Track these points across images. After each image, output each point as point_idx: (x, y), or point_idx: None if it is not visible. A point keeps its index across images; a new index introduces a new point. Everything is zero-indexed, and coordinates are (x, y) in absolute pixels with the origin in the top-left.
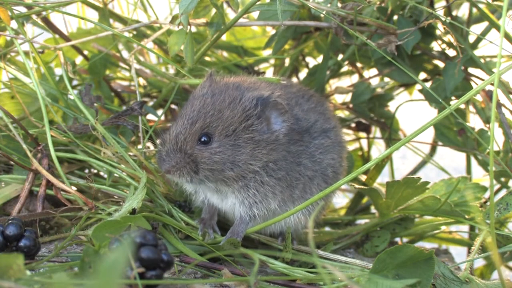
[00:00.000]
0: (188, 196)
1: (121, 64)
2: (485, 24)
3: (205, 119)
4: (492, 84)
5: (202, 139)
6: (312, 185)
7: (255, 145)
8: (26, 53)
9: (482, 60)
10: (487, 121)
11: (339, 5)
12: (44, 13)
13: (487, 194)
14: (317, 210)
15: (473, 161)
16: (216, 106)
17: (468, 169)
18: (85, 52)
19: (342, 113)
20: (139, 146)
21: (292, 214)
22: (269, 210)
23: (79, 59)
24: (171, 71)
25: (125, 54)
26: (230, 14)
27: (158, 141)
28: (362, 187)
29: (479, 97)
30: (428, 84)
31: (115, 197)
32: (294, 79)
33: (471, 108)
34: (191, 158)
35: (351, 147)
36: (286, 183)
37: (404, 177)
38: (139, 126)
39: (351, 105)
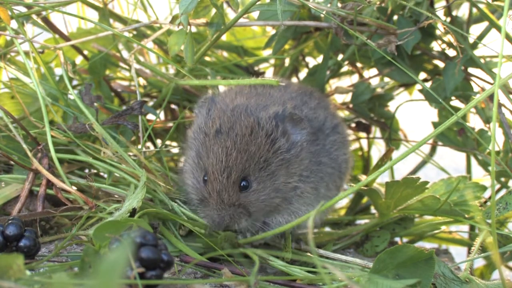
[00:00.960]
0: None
1: (121, 64)
2: (485, 24)
3: (237, 166)
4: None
5: (242, 185)
6: (331, 182)
7: (287, 163)
8: (26, 53)
9: (482, 60)
10: (487, 121)
11: (339, 5)
12: (44, 13)
13: (486, 194)
14: (318, 209)
15: (473, 161)
16: (239, 146)
17: (468, 169)
18: (85, 52)
19: (342, 113)
20: (139, 146)
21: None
22: (299, 215)
23: (79, 59)
24: (171, 71)
25: (125, 54)
26: (230, 14)
27: (193, 195)
28: (362, 187)
29: (479, 96)
30: (428, 84)
31: (116, 196)
32: (294, 79)
33: (471, 108)
34: (241, 207)
35: (351, 147)
36: (314, 184)
37: (404, 177)
38: (139, 125)
39: (351, 105)
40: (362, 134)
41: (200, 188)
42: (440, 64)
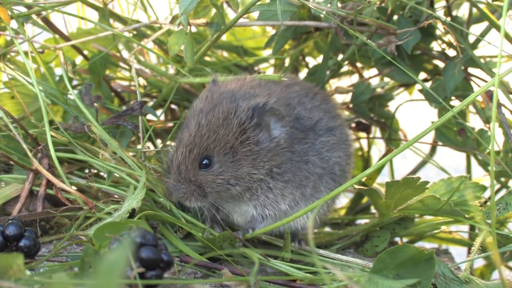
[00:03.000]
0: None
1: (121, 64)
2: (485, 24)
3: (201, 144)
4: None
5: (204, 162)
6: (321, 183)
7: (255, 155)
8: (26, 53)
9: (482, 60)
10: (487, 121)
11: (339, 5)
12: (44, 13)
13: (486, 194)
14: (317, 210)
15: (473, 161)
16: (211, 126)
17: (468, 169)
18: (85, 52)
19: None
20: (139, 146)
21: (301, 215)
22: (280, 211)
23: (79, 59)
24: (171, 71)
25: (125, 54)
26: (230, 14)
27: (162, 167)
28: (362, 187)
29: (479, 97)
30: (428, 84)
31: (115, 196)
32: None
33: (471, 108)
34: (196, 184)
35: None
36: (295, 183)
37: (404, 177)
38: (139, 126)
39: (351, 105)
40: (362, 134)
41: (169, 160)
42: (440, 64)
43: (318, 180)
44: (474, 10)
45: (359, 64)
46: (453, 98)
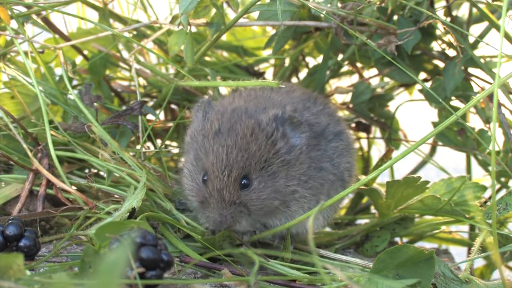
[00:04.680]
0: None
1: (121, 64)
2: (485, 24)
3: (238, 164)
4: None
5: (243, 183)
6: (332, 189)
7: (287, 165)
8: (26, 53)
9: (482, 60)
10: (487, 121)
11: (339, 5)
12: (44, 13)
13: (486, 194)
14: (316, 211)
15: (473, 161)
16: (240, 144)
17: (468, 169)
18: (85, 52)
19: (342, 113)
20: (138, 146)
21: (304, 218)
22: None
23: (79, 59)
24: (171, 71)
25: (125, 54)
26: (230, 14)
27: (192, 197)
28: (362, 187)
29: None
30: (428, 84)
31: (116, 196)
32: (294, 79)
33: (471, 108)
34: (242, 205)
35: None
36: (313, 190)
37: (404, 176)
38: (139, 126)
39: (351, 105)
40: (362, 134)
41: (200, 189)
42: (440, 64)
43: (330, 186)
44: (474, 10)
45: (359, 64)
46: (453, 98)
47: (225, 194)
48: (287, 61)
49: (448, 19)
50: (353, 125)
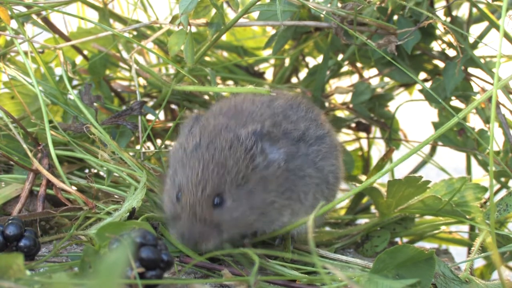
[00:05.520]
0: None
1: (121, 64)
2: (485, 24)
3: (213, 180)
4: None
5: (215, 202)
6: (317, 192)
7: (265, 181)
8: (26, 53)
9: (482, 60)
10: (487, 121)
11: (339, 5)
12: (44, 13)
13: (487, 194)
14: (316, 211)
15: (473, 161)
16: (218, 158)
17: (468, 169)
18: (85, 52)
19: (342, 113)
20: (138, 146)
21: (300, 225)
22: (282, 223)
23: (79, 59)
24: (172, 71)
25: (125, 54)
26: (230, 14)
27: (167, 211)
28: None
29: (479, 97)
30: (428, 84)
31: (116, 196)
32: (294, 79)
33: None
34: (213, 224)
35: (351, 147)
36: (293, 200)
37: (406, 175)
38: (139, 126)
39: (351, 105)
40: (362, 134)
41: (173, 205)
42: (440, 64)
43: (315, 189)
44: (474, 10)
45: (359, 64)
46: (453, 98)
47: (197, 209)
48: (287, 61)
49: (448, 19)
50: (353, 125)
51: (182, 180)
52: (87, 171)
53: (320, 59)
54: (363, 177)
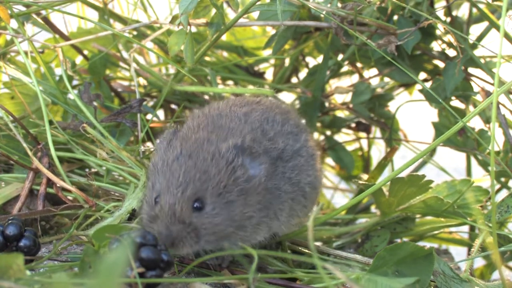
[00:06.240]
0: None
1: (121, 64)
2: (485, 24)
3: (195, 184)
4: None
5: (195, 206)
6: (294, 204)
7: (246, 194)
8: (26, 53)
9: (482, 60)
10: (487, 121)
11: (339, 5)
12: (44, 12)
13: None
14: (316, 211)
15: (473, 161)
16: (200, 166)
17: (468, 169)
18: (85, 52)
19: (342, 113)
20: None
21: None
22: (257, 241)
23: (79, 59)
24: (172, 71)
25: (125, 54)
26: (230, 14)
27: (144, 216)
28: (366, 182)
29: (479, 97)
30: (428, 84)
31: (116, 194)
32: (294, 79)
33: (471, 108)
34: (191, 227)
35: (351, 147)
36: (270, 217)
37: (409, 174)
38: (138, 124)
39: (351, 105)
40: (362, 134)
41: (151, 208)
42: (440, 64)
43: (291, 203)
44: (474, 10)
45: (359, 64)
46: (453, 98)
47: (176, 209)
48: (287, 61)
49: (448, 19)
50: (353, 125)
51: (162, 184)
52: (87, 169)
53: (320, 59)
54: (364, 176)
